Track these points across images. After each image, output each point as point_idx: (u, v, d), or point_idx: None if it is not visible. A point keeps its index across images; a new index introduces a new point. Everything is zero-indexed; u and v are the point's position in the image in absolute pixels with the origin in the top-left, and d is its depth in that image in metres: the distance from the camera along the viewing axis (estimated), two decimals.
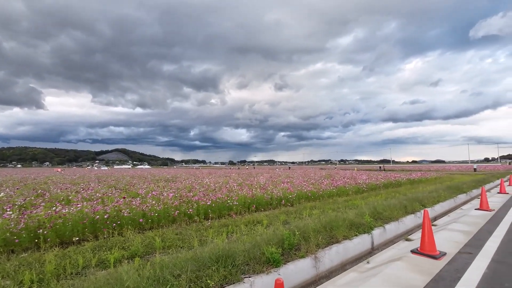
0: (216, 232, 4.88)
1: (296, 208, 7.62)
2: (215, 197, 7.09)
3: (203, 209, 6.32)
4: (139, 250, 3.83)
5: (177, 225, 5.60)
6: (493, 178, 18.16)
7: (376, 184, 13.57)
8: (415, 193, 9.33)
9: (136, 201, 6.22)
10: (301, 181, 12.91)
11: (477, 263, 3.40)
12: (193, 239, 4.34)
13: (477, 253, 3.79)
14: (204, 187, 10.31)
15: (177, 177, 19.02)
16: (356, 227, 4.82)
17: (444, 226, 5.54)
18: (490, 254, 3.72)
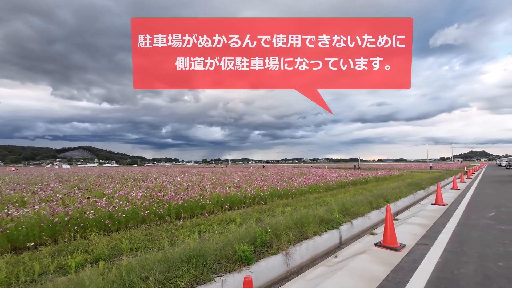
0: (188, 231, 4.78)
1: (269, 206, 7.72)
2: (188, 196, 6.94)
3: (174, 209, 6.15)
4: (105, 253, 3.63)
5: (147, 226, 5.40)
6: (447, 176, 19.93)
7: (345, 181, 14.20)
8: (380, 190, 9.92)
9: (101, 201, 5.87)
10: (274, 179, 13.11)
11: (432, 253, 3.71)
12: (163, 240, 4.21)
13: (432, 244, 4.14)
14: (176, 186, 10.04)
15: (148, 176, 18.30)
16: (325, 223, 5.01)
17: (405, 220, 5.97)
18: (443, 245, 4.08)
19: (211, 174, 19.63)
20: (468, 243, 4.20)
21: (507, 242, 4.22)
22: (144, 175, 20.49)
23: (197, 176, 17.67)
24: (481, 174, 24.68)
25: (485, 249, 3.92)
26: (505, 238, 4.41)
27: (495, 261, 3.42)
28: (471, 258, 3.56)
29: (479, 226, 5.26)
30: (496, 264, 3.32)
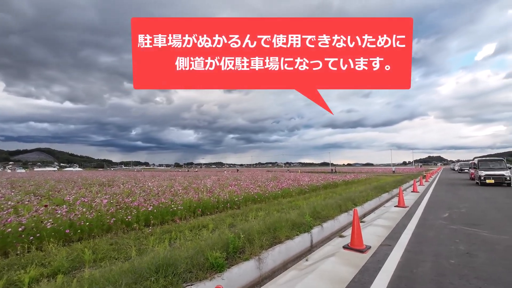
0: (157, 239, 4.61)
1: (243, 210, 7.71)
2: (158, 202, 6.69)
3: (143, 216, 5.89)
4: (64, 266, 3.37)
5: (113, 234, 5.10)
6: (409, 179, 21.45)
7: (316, 185, 14.66)
8: (349, 193, 10.39)
9: (62, 209, 5.45)
10: (248, 184, 13.13)
11: (394, 254, 3.97)
12: (131, 249, 4.01)
13: (394, 244, 4.42)
14: (145, 191, 9.63)
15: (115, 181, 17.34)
16: (297, 227, 5.13)
17: (371, 222, 6.31)
18: (404, 245, 4.38)
19: (184, 179, 19.12)
20: (425, 243, 4.55)
21: (458, 241, 4.64)
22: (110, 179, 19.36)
23: (168, 180, 17.10)
24: (437, 177, 26.92)
25: (439, 247, 4.28)
26: (456, 237, 4.85)
27: (448, 259, 3.75)
28: (428, 256, 3.86)
29: (435, 226, 5.73)
30: (449, 262, 3.64)
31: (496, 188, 14.63)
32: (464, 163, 44.26)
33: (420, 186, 16.11)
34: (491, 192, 12.71)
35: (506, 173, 15.56)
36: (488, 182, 15.72)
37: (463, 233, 5.12)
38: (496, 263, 3.57)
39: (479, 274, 3.21)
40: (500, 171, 15.77)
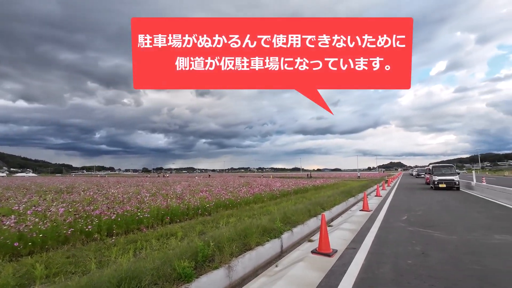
0: (121, 250, 4.34)
1: (214, 217, 7.58)
2: (123, 210, 6.32)
3: (106, 225, 5.53)
4: (9, 284, 3.02)
5: (70, 246, 4.71)
6: (373, 184, 22.76)
7: (287, 190, 14.92)
8: (318, 198, 10.73)
9: (9, 219, 4.91)
10: (220, 190, 12.96)
11: (359, 256, 4.16)
12: (90, 261, 3.73)
13: (359, 247, 4.65)
14: (109, 198, 9.05)
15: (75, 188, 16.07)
16: (268, 233, 5.16)
17: (338, 226, 6.57)
18: (367, 248, 4.62)
19: (152, 185, 18.33)
20: (386, 245, 4.84)
21: (415, 242, 5.01)
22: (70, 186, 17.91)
23: (135, 187, 16.26)
24: (398, 182, 28.90)
25: (399, 249, 4.58)
26: (413, 239, 5.23)
27: (406, 260, 4.02)
28: (388, 258, 4.11)
29: (395, 229, 6.13)
30: (406, 262, 3.91)
31: (447, 191, 16.10)
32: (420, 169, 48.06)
33: (383, 191, 17.17)
34: (443, 195, 13.95)
35: (456, 178, 17.20)
36: (440, 186, 17.23)
37: (419, 235, 5.54)
38: (447, 262, 3.91)
39: (432, 273, 3.49)
40: (451, 176, 17.40)
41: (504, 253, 4.27)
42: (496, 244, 4.79)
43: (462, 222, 6.88)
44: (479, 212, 8.47)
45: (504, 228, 6.05)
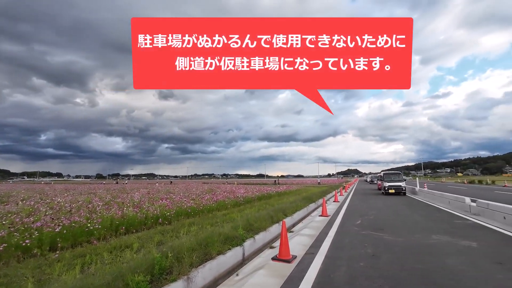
0: (66, 266, 3.93)
1: (174, 226, 7.28)
2: (70, 221, 5.75)
3: (49, 238, 4.96)
4: None
5: (2, 265, 4.12)
6: (332, 189, 23.98)
7: (251, 197, 14.99)
8: (281, 204, 10.96)
9: None
10: (182, 197, 12.51)
11: (316, 261, 4.34)
12: (26, 281, 3.30)
13: (317, 252, 4.85)
14: (54, 208, 8.15)
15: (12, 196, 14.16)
16: (230, 241, 5.11)
17: (298, 232, 6.77)
18: (324, 252, 4.85)
19: (107, 192, 16.98)
20: (342, 249, 5.13)
21: (367, 244, 5.40)
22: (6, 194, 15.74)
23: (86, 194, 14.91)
24: (354, 188, 30.91)
25: (352, 252, 4.89)
26: (365, 242, 5.62)
27: (359, 262, 4.31)
28: (343, 261, 4.36)
29: (350, 233, 6.53)
30: (359, 265, 4.18)
31: (396, 196, 17.68)
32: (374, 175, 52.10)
33: (340, 196, 18.19)
34: (392, 200, 15.28)
35: (403, 184, 18.99)
36: (390, 191, 18.87)
37: (371, 238, 5.98)
38: (394, 262, 4.27)
39: (382, 273, 3.79)
40: (398, 182, 19.16)
41: (439, 252, 4.81)
42: (434, 244, 5.37)
43: (407, 224, 7.60)
44: (421, 215, 9.44)
45: (440, 229, 6.83)
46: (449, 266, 4.05)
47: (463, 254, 4.66)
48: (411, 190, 19.53)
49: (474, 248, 5.08)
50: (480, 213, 8.87)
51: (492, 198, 13.48)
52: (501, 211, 7.60)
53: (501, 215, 7.54)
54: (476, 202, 9.40)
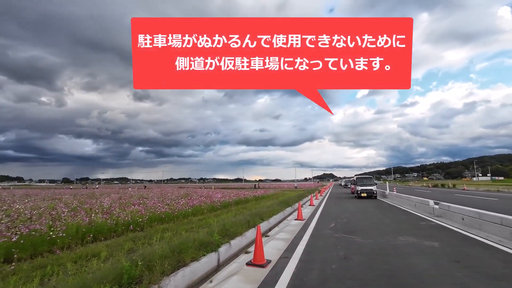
0: (24, 278, 3.63)
1: (147, 232, 7.01)
2: (29, 229, 5.32)
3: (3, 249, 4.55)
4: None
5: None
6: (308, 193, 24.47)
7: (228, 201, 14.87)
8: (258, 209, 10.98)
9: None
10: (156, 202, 12.10)
11: (290, 265, 4.40)
12: None
13: (291, 256, 4.91)
14: (11, 216, 7.50)
15: None
16: (205, 247, 5.02)
17: (274, 236, 6.82)
18: (298, 256, 4.92)
19: (73, 198, 15.96)
20: (315, 252, 5.25)
21: (339, 247, 5.57)
22: None
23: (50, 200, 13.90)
24: (329, 192, 31.81)
25: (326, 255, 5.02)
26: (338, 244, 5.80)
27: (331, 265, 4.43)
28: (316, 264, 4.46)
29: (323, 236, 6.70)
30: (331, 267, 4.30)
31: (368, 200, 18.46)
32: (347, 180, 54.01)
33: (316, 200, 18.62)
34: (364, 203, 15.92)
35: (374, 188, 19.89)
36: (362, 195, 19.66)
37: (343, 240, 6.18)
38: (363, 264, 4.44)
39: (352, 275, 3.92)
40: (370, 186, 20.04)
41: (405, 252, 5.09)
42: (400, 245, 5.67)
43: (377, 227, 7.95)
44: (390, 217, 9.94)
45: (406, 230, 7.24)
46: (413, 266, 4.29)
47: (426, 254, 4.97)
48: (381, 193, 20.49)
49: (436, 248, 5.43)
50: (442, 215, 9.53)
51: (452, 201, 14.55)
52: (459, 213, 8.22)
53: (459, 216, 8.16)
54: (438, 204, 10.08)
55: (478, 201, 16.00)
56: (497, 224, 6.30)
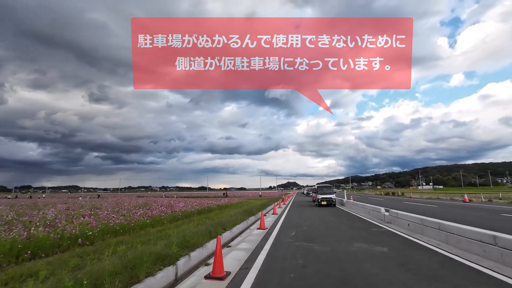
0: None
1: (97, 246, 6.44)
2: None
3: None
4: None
5: None
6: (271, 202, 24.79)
7: (191, 211, 14.39)
8: (221, 218, 10.80)
9: None
10: (110, 212, 11.22)
11: (250, 276, 4.39)
12: None
13: (251, 267, 4.91)
14: None
15: None
16: (162, 260, 4.77)
17: (236, 246, 6.76)
18: (259, 266, 4.94)
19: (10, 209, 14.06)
20: (275, 261, 5.32)
21: (298, 256, 5.72)
22: None
23: None
24: (292, 200, 32.63)
25: (285, 264, 5.11)
26: (297, 253, 5.96)
27: (289, 274, 4.52)
28: (275, 274, 4.52)
29: (284, 245, 6.83)
30: (289, 276, 4.39)
31: (327, 208, 19.34)
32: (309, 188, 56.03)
33: (279, 209, 18.96)
34: (324, 211, 16.64)
35: (333, 196, 20.94)
36: (323, 203, 20.54)
37: (302, 249, 6.36)
38: (320, 271, 4.62)
39: (309, 283, 4.05)
40: (330, 195, 21.05)
41: (358, 258, 5.42)
42: (355, 252, 6.02)
43: (334, 234, 8.36)
44: (346, 225, 10.52)
45: (360, 237, 7.72)
46: (365, 271, 4.58)
47: (376, 259, 5.34)
48: (340, 201, 21.63)
49: (385, 253, 5.88)
50: (391, 221, 10.37)
51: (401, 208, 15.94)
52: (406, 219, 9.04)
53: (406, 222, 8.97)
54: (389, 212, 10.97)
55: (422, 208, 17.77)
56: (435, 229, 7.06)
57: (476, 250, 5.46)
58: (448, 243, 6.40)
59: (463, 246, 5.87)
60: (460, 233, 6.04)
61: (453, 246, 6.15)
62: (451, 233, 6.36)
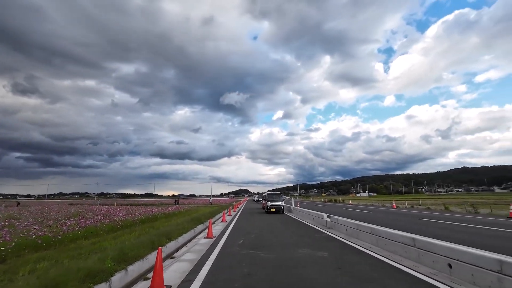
0: None
1: (11, 264, 5.45)
2: None
3: None
4: None
5: None
6: (222, 209, 24.50)
7: (133, 220, 13.28)
8: (167, 227, 10.21)
9: None
10: (31, 223, 9.66)
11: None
12: None
13: (194, 279, 4.72)
14: None
15: None
16: (93, 277, 4.28)
17: (180, 257, 6.45)
18: (202, 277, 4.78)
19: None
20: (221, 271, 5.22)
21: (244, 264, 5.72)
22: None
23: None
24: (243, 207, 32.73)
25: (230, 273, 5.06)
26: (243, 261, 5.96)
27: (234, 283, 4.48)
28: (220, 284, 4.43)
29: (230, 254, 6.77)
30: (234, 286, 4.35)
31: (276, 215, 19.91)
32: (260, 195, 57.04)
33: (229, 216, 18.80)
34: (272, 218, 17.08)
35: (282, 203, 21.68)
36: (272, 210, 21.09)
37: (249, 257, 6.39)
38: (265, 279, 4.69)
39: None
40: (278, 202, 21.75)
41: (302, 264, 5.67)
42: (299, 257, 6.28)
43: (280, 241, 8.62)
44: (292, 231, 10.96)
45: (305, 243, 8.12)
46: (306, 276, 4.81)
47: (317, 264, 5.67)
48: (288, 208, 22.49)
49: (326, 257, 6.28)
50: (332, 227, 11.18)
51: (341, 214, 17.31)
52: (344, 225, 9.85)
53: (344, 228, 9.76)
54: (330, 218, 11.81)
55: (359, 214, 19.60)
56: (369, 233, 7.85)
57: (399, 251, 6.23)
58: (378, 245, 7.16)
59: (390, 248, 6.64)
60: (388, 237, 6.82)
61: (382, 248, 6.91)
62: (381, 236, 7.14)
